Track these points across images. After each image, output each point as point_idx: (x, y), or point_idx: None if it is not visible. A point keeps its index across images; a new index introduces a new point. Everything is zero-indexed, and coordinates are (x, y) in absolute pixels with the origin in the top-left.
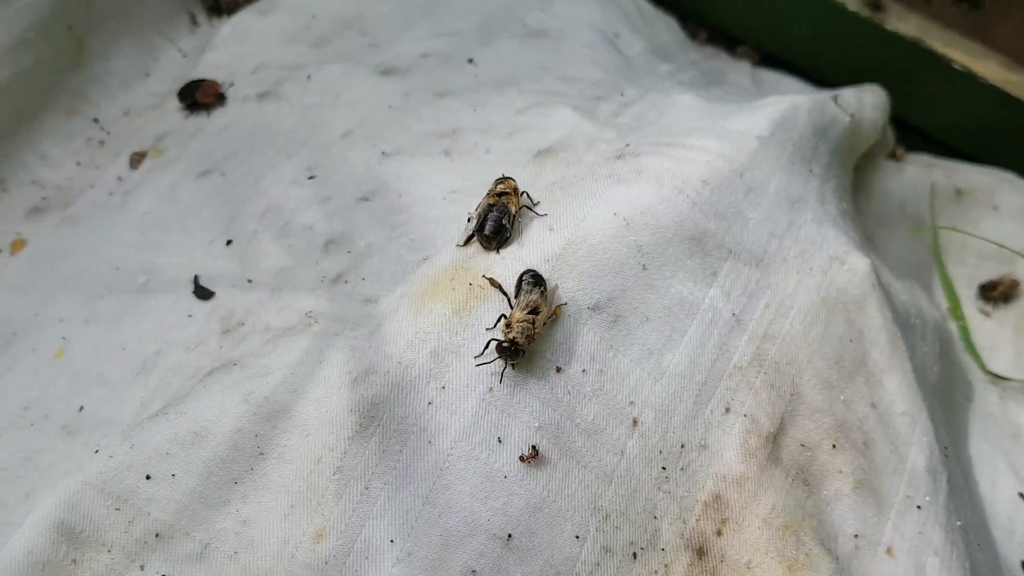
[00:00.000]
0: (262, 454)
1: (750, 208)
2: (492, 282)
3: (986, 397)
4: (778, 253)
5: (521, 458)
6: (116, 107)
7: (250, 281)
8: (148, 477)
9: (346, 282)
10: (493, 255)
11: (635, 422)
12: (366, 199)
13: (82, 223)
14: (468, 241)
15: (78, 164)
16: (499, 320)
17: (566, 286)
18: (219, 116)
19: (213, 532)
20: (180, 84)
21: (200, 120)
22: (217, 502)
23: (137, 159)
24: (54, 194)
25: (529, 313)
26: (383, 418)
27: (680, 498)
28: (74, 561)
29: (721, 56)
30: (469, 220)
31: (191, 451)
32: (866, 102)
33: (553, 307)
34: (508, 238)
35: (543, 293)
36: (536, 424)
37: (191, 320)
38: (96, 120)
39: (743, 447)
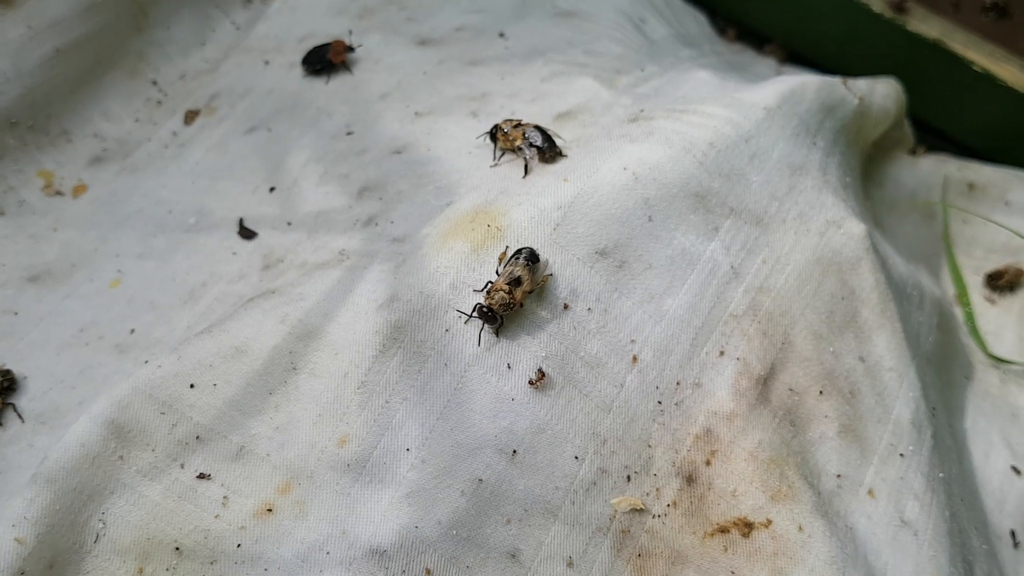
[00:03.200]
0: (295, 369)
1: (753, 171)
2: (501, 257)
3: (986, 378)
4: (778, 214)
5: (529, 382)
6: (173, 71)
7: (290, 223)
8: (192, 386)
9: (376, 224)
10: (509, 201)
11: (635, 359)
12: (398, 152)
13: (139, 171)
14: (499, 159)
15: (136, 120)
16: (486, 286)
17: (577, 231)
18: (284, 78)
19: (248, 436)
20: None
21: (269, 81)
22: (253, 410)
23: (191, 116)
24: (114, 146)
25: (509, 283)
26: (404, 340)
27: (673, 430)
28: (121, 457)
29: (748, 52)
30: (519, 145)
31: (231, 364)
32: (877, 90)
33: (539, 278)
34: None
35: (530, 269)
36: (543, 354)
37: (235, 256)
38: (155, 82)
39: (734, 387)
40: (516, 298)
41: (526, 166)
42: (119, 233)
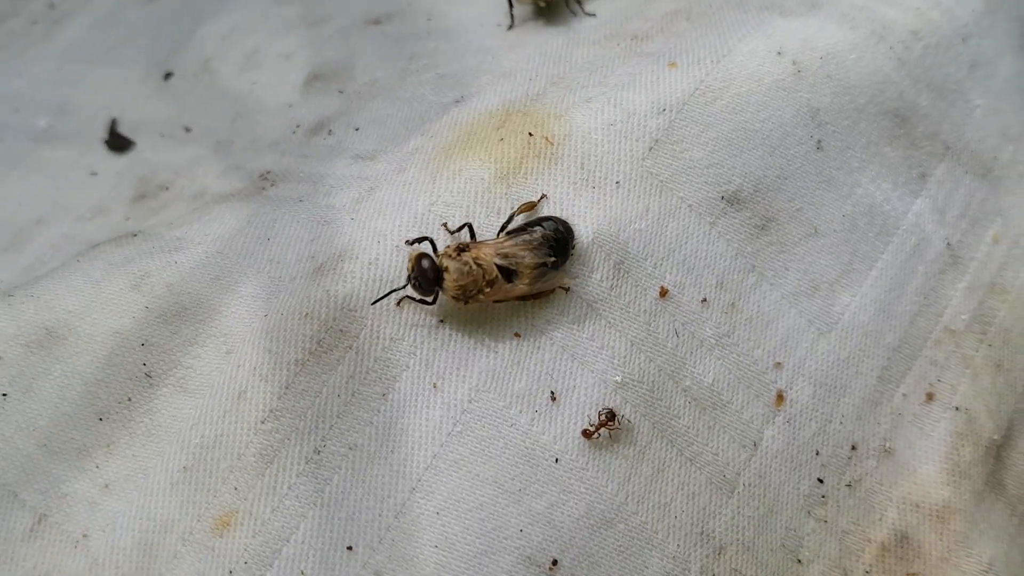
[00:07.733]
0: (149, 376)
1: (976, 90)
2: (527, 208)
3: None
4: (1012, 165)
5: (586, 432)
6: None
7: (188, 130)
8: None
9: (330, 132)
10: (569, 96)
11: (780, 398)
12: (377, 22)
13: None
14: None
15: None
16: (462, 228)
17: (690, 156)
18: None
19: (55, 498)
20: None
21: None
22: (68, 449)
23: None
24: None
25: (501, 262)
26: (359, 336)
27: (842, 532)
28: None
29: None
30: None
31: (37, 358)
32: None
33: (550, 283)
34: None
35: (542, 264)
36: (618, 378)
37: (95, 180)
38: None
39: (951, 459)
40: (486, 294)
41: None
42: None
